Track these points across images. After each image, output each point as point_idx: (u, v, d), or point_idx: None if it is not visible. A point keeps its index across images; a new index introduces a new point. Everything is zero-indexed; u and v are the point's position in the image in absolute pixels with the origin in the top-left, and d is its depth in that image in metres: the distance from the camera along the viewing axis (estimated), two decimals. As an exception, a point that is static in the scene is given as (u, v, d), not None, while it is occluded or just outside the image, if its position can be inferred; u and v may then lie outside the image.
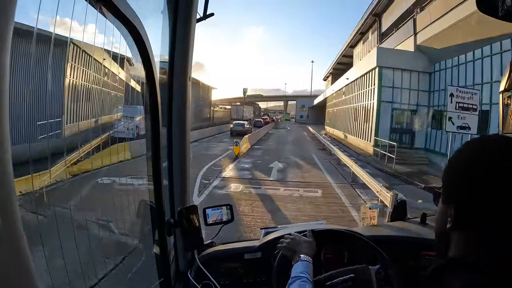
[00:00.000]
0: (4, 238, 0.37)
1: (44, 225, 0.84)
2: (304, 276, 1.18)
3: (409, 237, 1.81)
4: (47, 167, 0.75)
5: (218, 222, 1.71)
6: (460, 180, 0.66)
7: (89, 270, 0.95)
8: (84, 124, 1.80)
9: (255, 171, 12.32)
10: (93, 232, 1.30)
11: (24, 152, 0.73)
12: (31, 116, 1.51)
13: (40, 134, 1.53)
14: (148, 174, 1.33)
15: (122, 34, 0.94)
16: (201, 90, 35.77)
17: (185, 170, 1.59)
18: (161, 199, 1.33)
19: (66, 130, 1.63)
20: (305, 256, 1.29)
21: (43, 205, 0.83)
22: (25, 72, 1.06)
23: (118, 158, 1.20)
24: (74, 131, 1.63)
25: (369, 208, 2.06)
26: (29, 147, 0.63)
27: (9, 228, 0.38)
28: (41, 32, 0.69)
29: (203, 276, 1.60)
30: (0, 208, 0.36)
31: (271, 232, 1.85)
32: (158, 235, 1.40)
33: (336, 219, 6.44)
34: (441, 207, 0.71)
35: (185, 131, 1.55)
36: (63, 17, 0.64)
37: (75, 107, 1.74)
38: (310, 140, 29.16)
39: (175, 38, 1.40)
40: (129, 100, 1.71)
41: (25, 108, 1.42)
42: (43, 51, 0.80)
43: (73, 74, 1.52)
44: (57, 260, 0.99)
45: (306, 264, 1.25)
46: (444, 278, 0.63)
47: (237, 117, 46.96)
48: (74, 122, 1.72)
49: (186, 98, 1.52)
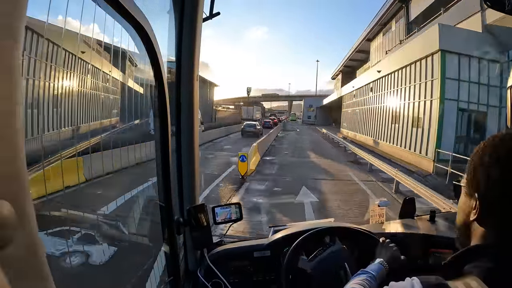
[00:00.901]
0: (19, 236, 0.38)
1: (56, 224, 0.85)
2: (373, 274, 1.19)
3: (418, 235, 1.80)
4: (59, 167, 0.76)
5: (227, 220, 1.72)
6: (486, 174, 0.66)
7: (99, 268, 0.96)
8: (94, 125, 1.82)
9: (277, 212, 7.35)
10: (104, 232, 1.32)
11: (36, 151, 0.75)
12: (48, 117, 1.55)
13: (56, 134, 1.56)
14: (157, 173, 1.35)
15: (130, 35, 0.95)
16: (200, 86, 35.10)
17: (193, 170, 1.60)
18: (170, 198, 1.34)
19: (78, 130, 1.66)
20: (384, 262, 1.31)
21: (55, 205, 0.84)
22: (39, 72, 1.08)
23: (129, 159, 1.22)
24: (85, 130, 1.66)
25: (378, 206, 2.04)
26: (42, 146, 0.64)
27: (24, 227, 0.39)
28: (51, 29, 0.70)
29: (212, 274, 1.61)
30: (15, 206, 0.37)
31: (279, 230, 1.85)
32: (168, 234, 1.41)
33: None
34: (464, 200, 0.72)
35: (193, 130, 1.56)
36: (71, 17, 0.65)
37: (90, 108, 1.76)
38: (331, 146, 23.72)
39: (182, 37, 1.40)
40: (137, 101, 1.73)
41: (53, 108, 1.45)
42: (53, 50, 0.82)
43: (82, 76, 1.54)
44: (68, 258, 1.01)
45: (380, 267, 1.26)
46: (463, 266, 0.64)
47: (247, 117, 46.92)
48: (86, 123, 1.75)
49: (194, 98, 1.52)
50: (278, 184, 10.05)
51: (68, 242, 1.09)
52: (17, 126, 0.38)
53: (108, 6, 0.70)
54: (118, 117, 2.13)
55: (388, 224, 2.01)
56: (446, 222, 1.96)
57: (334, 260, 1.50)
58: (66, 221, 0.87)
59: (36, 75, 0.96)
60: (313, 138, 31.39)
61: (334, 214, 7.19)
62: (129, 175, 1.21)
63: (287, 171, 12.08)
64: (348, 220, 6.46)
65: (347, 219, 6.77)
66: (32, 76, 0.98)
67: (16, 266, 0.37)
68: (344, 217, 6.99)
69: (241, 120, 43.56)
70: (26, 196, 0.39)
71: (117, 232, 1.47)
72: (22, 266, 0.39)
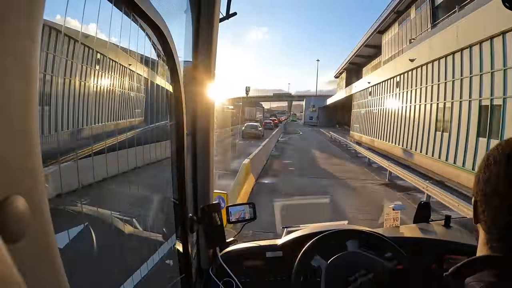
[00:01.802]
0: (33, 231, 0.39)
1: (70, 220, 0.87)
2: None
3: (433, 240, 1.75)
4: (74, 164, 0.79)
5: (241, 220, 1.72)
6: (479, 178, 0.65)
7: (111, 263, 0.99)
8: (109, 125, 1.87)
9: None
10: (117, 227, 1.34)
11: (54, 148, 0.77)
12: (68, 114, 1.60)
13: (73, 131, 1.60)
14: (172, 171, 1.36)
15: (146, 34, 0.97)
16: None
17: (208, 168, 1.61)
18: (184, 197, 1.36)
19: (92, 130, 1.70)
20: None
21: (70, 200, 0.87)
22: (57, 73, 1.12)
23: (144, 157, 1.25)
24: (102, 129, 1.70)
25: (392, 209, 1.99)
26: (57, 141, 0.66)
27: (38, 222, 0.40)
28: (69, 32, 0.73)
29: (224, 273, 1.62)
30: (29, 201, 0.38)
31: (293, 231, 1.83)
32: (181, 232, 1.43)
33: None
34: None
35: (209, 129, 1.57)
36: (88, 18, 0.66)
37: (108, 108, 1.81)
38: (348, 157, 18.08)
39: (199, 37, 1.41)
40: (154, 101, 1.76)
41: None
42: (70, 51, 0.84)
43: (100, 76, 1.58)
44: (82, 255, 1.03)
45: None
46: (465, 277, 0.62)
47: (249, 117, 46.14)
48: (101, 123, 1.79)
49: (210, 98, 1.53)
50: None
51: (81, 237, 1.12)
52: (32, 122, 0.39)
53: (124, 6, 0.71)
54: (136, 117, 2.17)
55: (403, 228, 1.96)
56: (461, 228, 1.91)
57: (347, 264, 1.47)
58: (81, 216, 0.89)
59: (55, 73, 1.00)
60: (321, 144, 25.92)
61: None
62: (145, 172, 1.23)
63: (298, 212, 5.71)
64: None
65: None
66: (51, 72, 1.02)
67: (29, 259, 0.38)
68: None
69: (244, 121, 40.59)
70: (41, 191, 0.40)
71: (131, 228, 1.50)
72: (35, 259, 0.40)
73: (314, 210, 6.08)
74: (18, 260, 0.35)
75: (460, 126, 12.49)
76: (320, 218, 5.12)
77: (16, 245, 0.36)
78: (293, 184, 10.67)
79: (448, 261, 1.65)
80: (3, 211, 0.34)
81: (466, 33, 11.86)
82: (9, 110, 0.36)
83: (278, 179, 11.34)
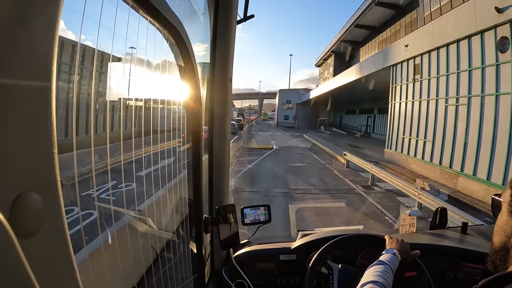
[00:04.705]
0: (47, 226, 0.40)
1: (84, 217, 0.89)
2: (390, 265, 1.17)
3: (449, 247, 1.69)
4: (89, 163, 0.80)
5: (256, 222, 1.71)
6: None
7: (125, 261, 1.00)
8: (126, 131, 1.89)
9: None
10: (132, 226, 1.36)
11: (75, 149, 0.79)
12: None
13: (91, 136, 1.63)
14: (188, 172, 1.37)
15: (163, 36, 0.98)
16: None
17: (224, 170, 1.62)
18: (200, 197, 1.37)
19: (110, 130, 1.73)
20: (397, 252, 1.30)
21: (84, 198, 0.89)
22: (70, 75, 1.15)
23: (159, 158, 1.26)
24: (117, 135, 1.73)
25: (409, 215, 1.93)
26: (74, 140, 0.67)
27: (51, 218, 0.41)
28: (86, 36, 0.74)
29: (237, 274, 1.62)
30: (44, 198, 0.39)
31: (307, 235, 1.81)
32: (195, 232, 1.44)
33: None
34: (507, 220, 0.66)
35: (225, 131, 1.57)
36: (104, 21, 0.67)
37: (126, 110, 1.84)
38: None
39: (216, 39, 1.42)
40: (171, 103, 1.78)
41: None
42: (87, 55, 0.86)
43: (117, 78, 1.61)
44: (95, 252, 1.06)
45: (394, 258, 1.26)
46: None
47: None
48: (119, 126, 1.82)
49: (227, 99, 1.54)
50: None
51: (95, 234, 1.14)
52: (49, 121, 0.40)
53: (141, 8, 0.72)
54: (154, 118, 2.20)
55: (419, 234, 1.90)
56: (478, 236, 1.84)
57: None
58: (95, 214, 0.91)
59: (73, 75, 1.02)
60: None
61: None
62: (161, 173, 1.24)
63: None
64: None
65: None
66: (68, 75, 1.05)
67: (42, 255, 0.39)
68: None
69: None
70: (55, 188, 0.41)
71: (145, 226, 1.52)
72: (49, 255, 0.41)
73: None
74: (31, 255, 0.36)
75: None
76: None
77: (30, 240, 0.37)
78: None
79: (464, 269, 1.60)
80: (18, 207, 0.35)
81: None
82: (26, 108, 0.37)
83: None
